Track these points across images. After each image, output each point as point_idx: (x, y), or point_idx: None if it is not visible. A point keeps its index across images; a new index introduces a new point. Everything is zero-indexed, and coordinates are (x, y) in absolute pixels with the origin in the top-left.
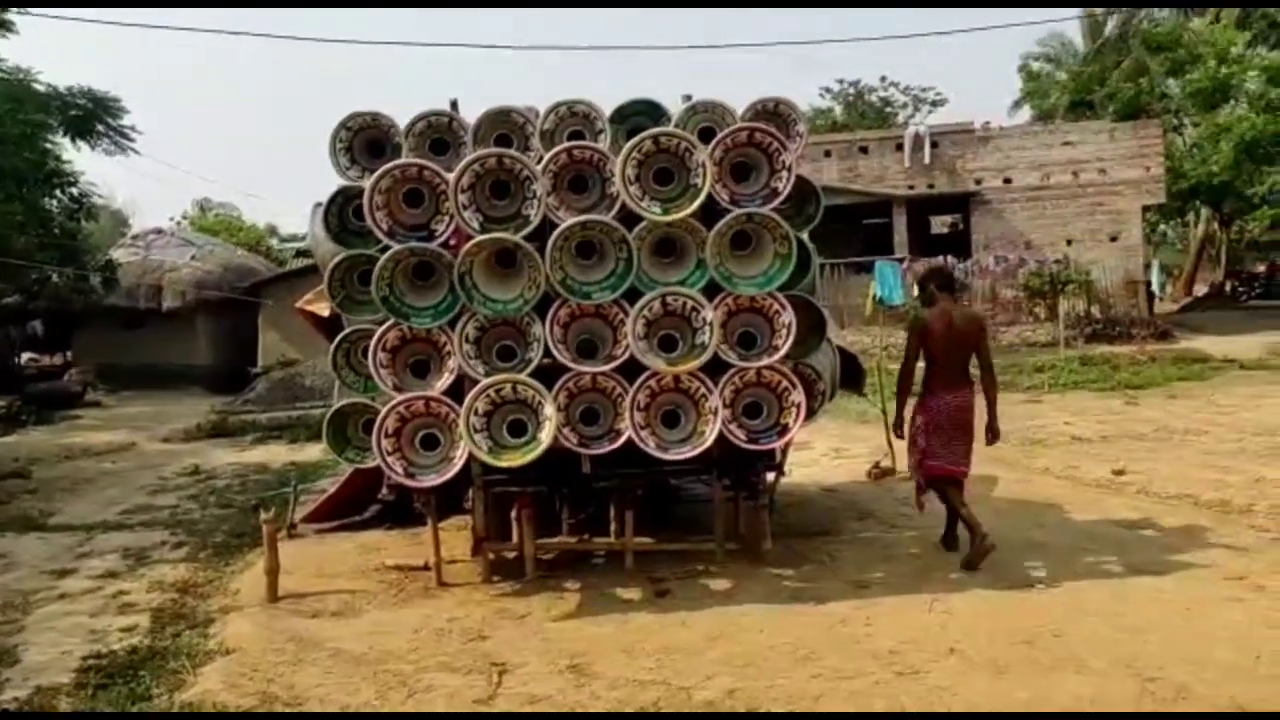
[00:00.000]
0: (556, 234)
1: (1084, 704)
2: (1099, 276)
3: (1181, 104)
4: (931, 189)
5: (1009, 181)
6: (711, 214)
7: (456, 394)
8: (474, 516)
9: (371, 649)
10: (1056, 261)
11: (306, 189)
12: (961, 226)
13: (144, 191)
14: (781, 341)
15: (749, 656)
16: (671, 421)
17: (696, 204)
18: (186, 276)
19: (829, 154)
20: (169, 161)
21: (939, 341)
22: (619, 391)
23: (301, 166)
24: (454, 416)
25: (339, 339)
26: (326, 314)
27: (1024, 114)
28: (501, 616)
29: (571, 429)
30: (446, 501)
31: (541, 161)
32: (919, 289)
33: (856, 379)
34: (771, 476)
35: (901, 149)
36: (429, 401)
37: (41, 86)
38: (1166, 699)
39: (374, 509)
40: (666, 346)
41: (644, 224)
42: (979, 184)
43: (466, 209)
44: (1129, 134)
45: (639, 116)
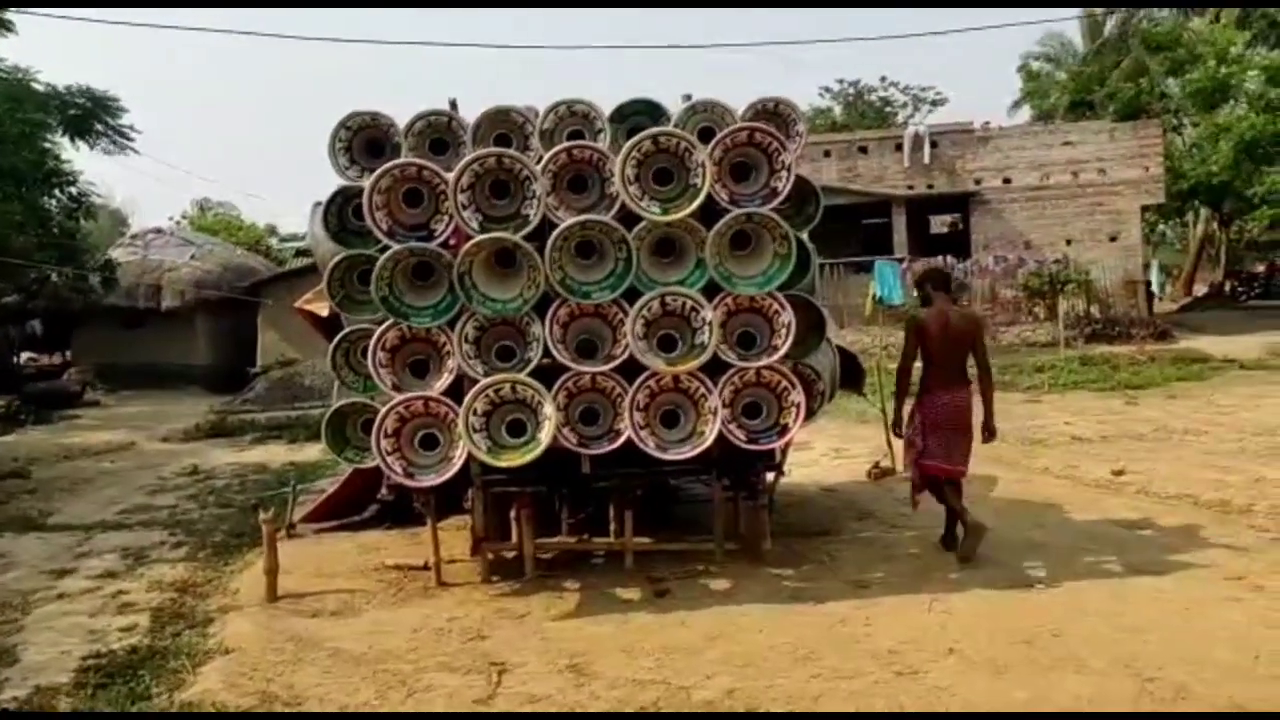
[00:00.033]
0: (556, 234)
1: (1083, 704)
2: (1098, 276)
3: (1181, 104)
4: (931, 189)
5: (1008, 181)
6: (711, 214)
7: (456, 394)
8: (473, 516)
9: (371, 648)
10: (1056, 261)
11: (306, 188)
12: (961, 226)
13: (143, 191)
14: (781, 341)
15: (748, 656)
16: (671, 421)
17: (696, 204)
18: (186, 276)
19: (828, 154)
20: (168, 161)
21: (936, 341)
22: (618, 391)
23: (301, 166)
24: (453, 416)
25: (338, 339)
26: (326, 314)
27: (1024, 114)
28: (501, 616)
29: (571, 429)
30: (446, 501)
31: (541, 161)
32: (915, 289)
33: (856, 379)
34: (771, 476)
35: (901, 149)
36: (428, 401)
37: (40, 86)
38: (1165, 699)
39: (373, 509)
40: (666, 346)
41: (643, 224)
42: (978, 184)
43: (466, 209)
44: (1128, 134)
45: (638, 116)
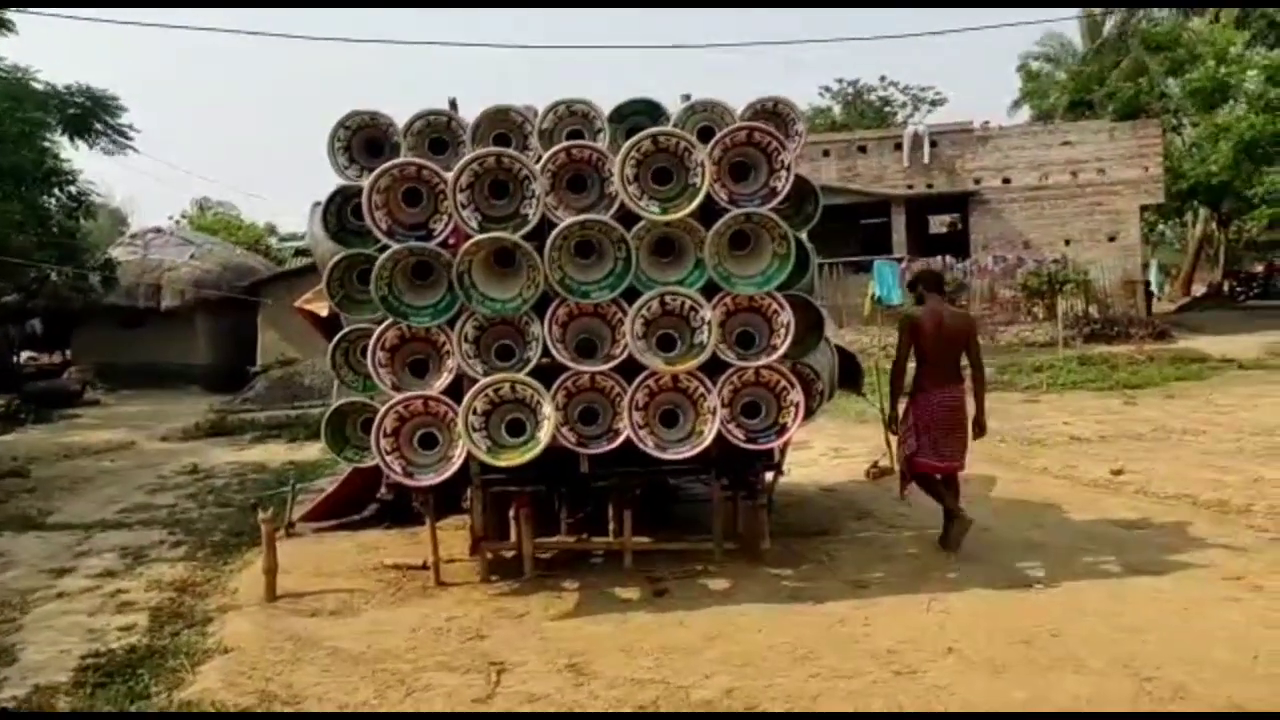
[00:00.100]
0: (555, 233)
1: (1082, 703)
2: (1097, 276)
3: (1180, 104)
4: (930, 189)
5: (1008, 181)
6: (710, 213)
7: (455, 393)
8: (472, 516)
9: (370, 648)
10: (1055, 261)
11: (305, 188)
12: (960, 226)
13: (143, 190)
14: (780, 341)
15: (747, 656)
16: (670, 421)
17: (695, 203)
18: (185, 275)
19: (828, 153)
20: (168, 160)
21: (930, 340)
22: (617, 391)
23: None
24: (452, 416)
25: (338, 338)
26: (325, 313)
27: (1023, 114)
28: (500, 615)
29: (570, 428)
30: (445, 501)
31: (540, 161)
32: (909, 290)
33: (855, 378)
34: (770, 476)
35: (900, 148)
36: (427, 401)
37: (40, 85)
38: (1164, 699)
39: (372, 508)
40: (665, 346)
41: (642, 223)
42: (978, 184)
43: (465, 208)
44: (1128, 134)
45: (638, 116)
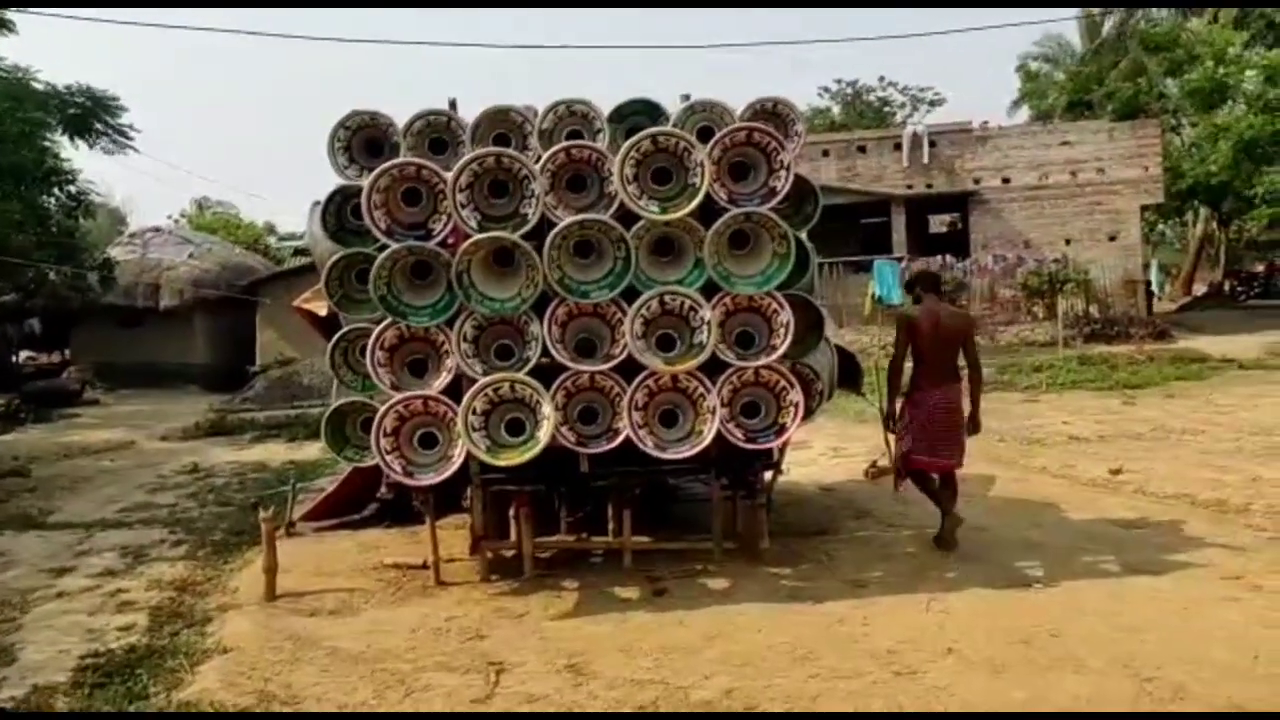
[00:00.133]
0: (554, 233)
1: (1081, 703)
2: (1097, 276)
3: (1180, 104)
4: (930, 188)
5: (1007, 181)
6: (710, 213)
7: (455, 393)
8: (472, 515)
9: (369, 648)
10: (1055, 261)
11: (305, 188)
12: (960, 226)
13: (142, 190)
14: (779, 341)
15: (747, 656)
16: (669, 421)
17: (695, 203)
18: (184, 275)
19: (827, 153)
20: (167, 160)
21: (927, 339)
22: (617, 391)
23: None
24: (452, 415)
25: (337, 338)
26: (324, 313)
27: (1022, 114)
28: (499, 615)
29: (569, 428)
30: (445, 500)
31: (540, 160)
32: (906, 291)
33: (855, 378)
34: (769, 475)
35: (900, 148)
36: (427, 400)
37: (40, 85)
38: (1164, 698)
39: (372, 507)
40: (664, 346)
41: (642, 223)
42: (977, 183)
43: (464, 208)
44: (1127, 134)
45: (637, 116)
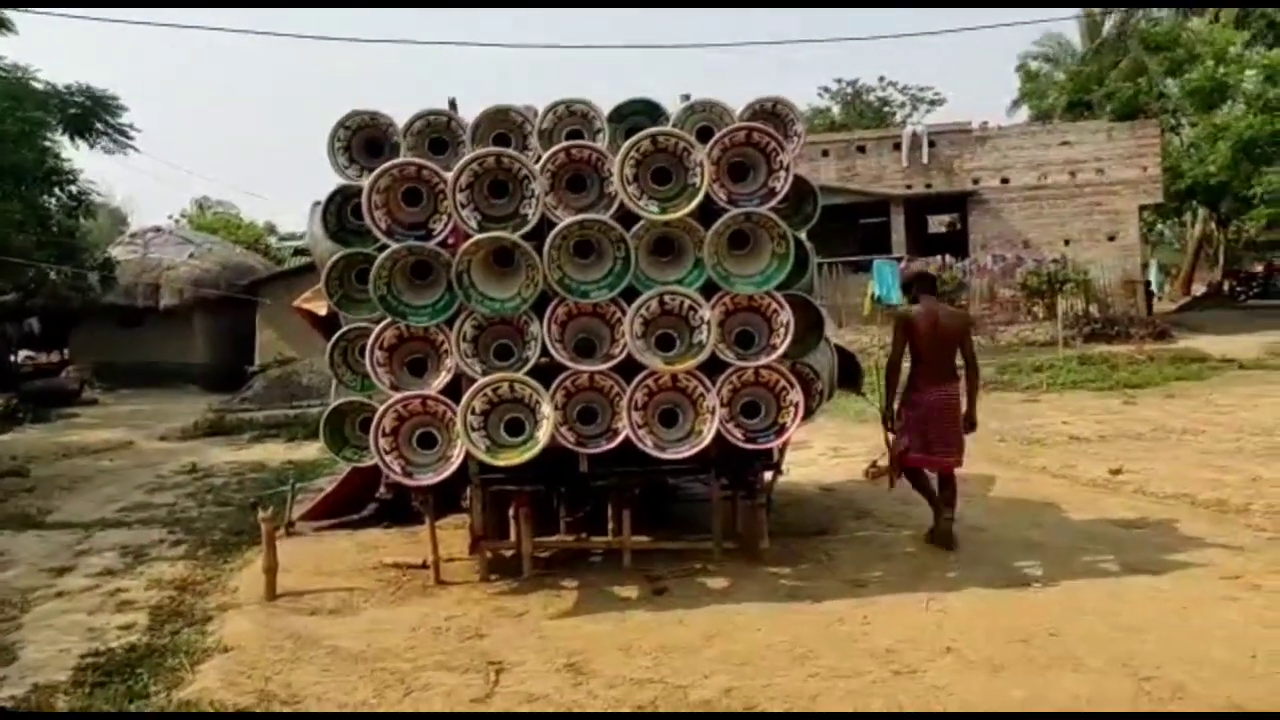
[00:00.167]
0: (554, 233)
1: (1080, 703)
2: (1097, 276)
3: (1179, 104)
4: (929, 188)
5: (1006, 181)
6: (709, 213)
7: (454, 393)
8: (472, 515)
9: (369, 647)
10: (1054, 261)
11: (305, 188)
12: (959, 226)
13: (142, 189)
14: (779, 341)
15: (746, 655)
16: (669, 420)
17: (694, 203)
18: (184, 275)
19: (827, 153)
20: (168, 160)
21: (925, 338)
22: (616, 390)
23: (300, 165)
24: (451, 415)
25: (336, 337)
26: (324, 312)
27: (1022, 114)
28: (499, 615)
29: (569, 428)
30: (444, 500)
31: (540, 160)
32: (903, 291)
33: (854, 378)
34: (769, 475)
35: (899, 148)
36: (426, 400)
37: (40, 84)
38: (1163, 698)
39: (372, 507)
40: (664, 346)
41: (642, 223)
42: (977, 184)
43: (465, 208)
44: (1127, 134)
45: (637, 116)
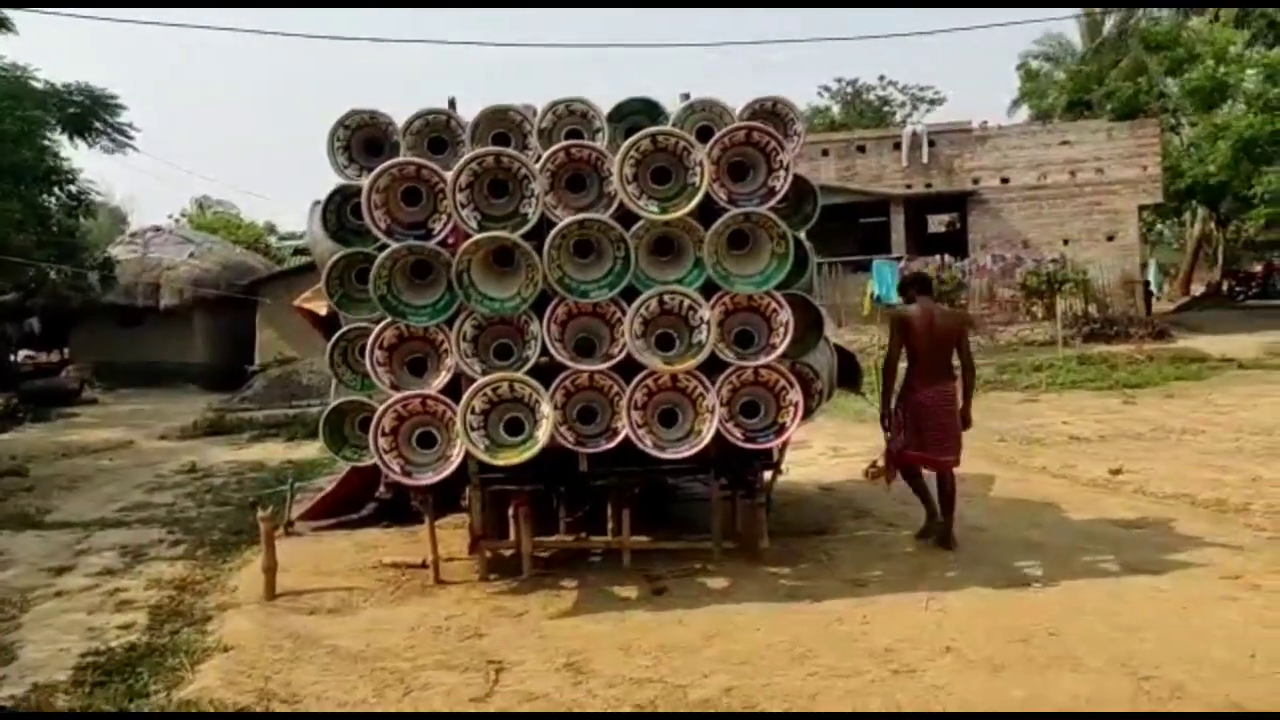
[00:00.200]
0: (554, 232)
1: (1080, 703)
2: (1096, 276)
3: (1179, 103)
4: (929, 188)
5: (1006, 181)
6: (709, 213)
7: (454, 392)
8: (471, 514)
9: (369, 646)
10: (1054, 261)
11: (305, 187)
12: (959, 226)
13: (142, 189)
14: (779, 340)
15: (746, 655)
16: (669, 420)
17: (694, 203)
18: (184, 274)
19: (826, 153)
20: (167, 159)
21: (921, 338)
22: (616, 390)
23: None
24: (451, 415)
25: (336, 337)
26: (324, 312)
27: (1022, 113)
28: (498, 614)
29: (569, 427)
30: (444, 499)
31: (539, 160)
32: (900, 294)
33: (854, 378)
34: (769, 475)
35: (899, 148)
36: (426, 400)
37: (39, 84)
38: (1162, 698)
39: (371, 507)
40: (664, 345)
41: (641, 223)
42: (976, 183)
43: (464, 207)
44: (1126, 133)
45: (637, 115)
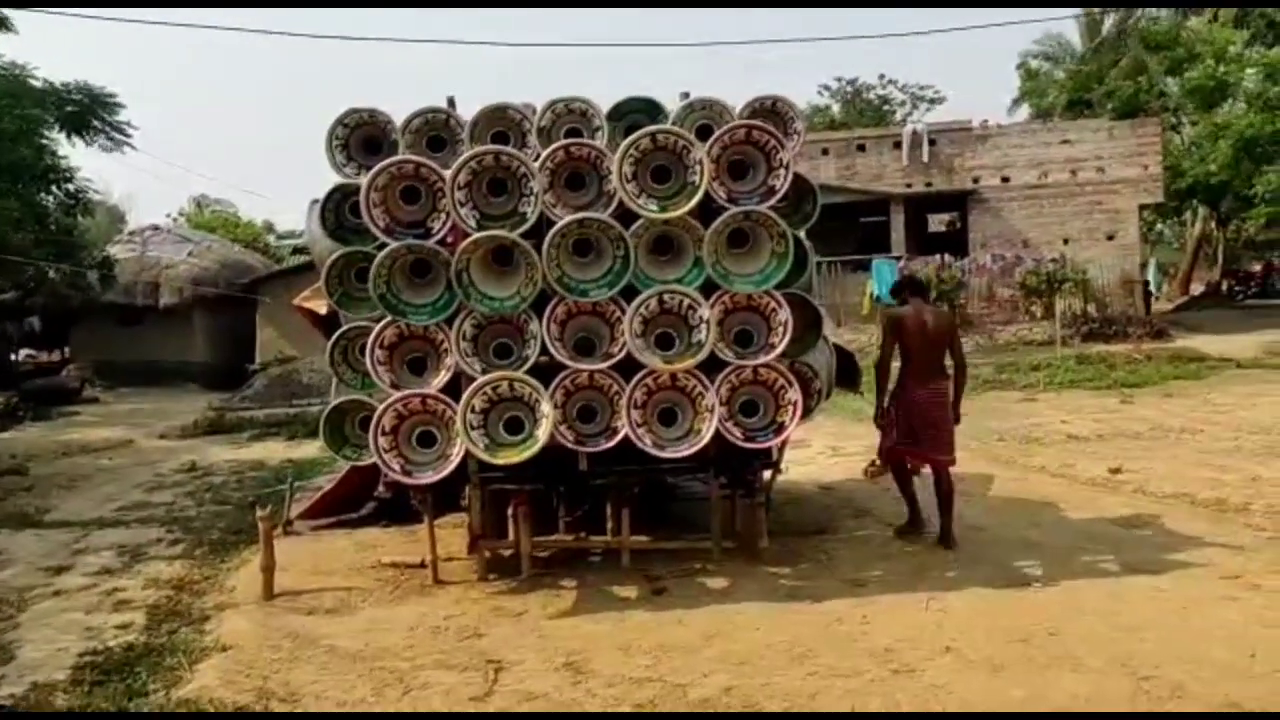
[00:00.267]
0: (553, 231)
1: (1080, 702)
2: (1096, 275)
3: (1180, 102)
4: (929, 187)
5: (1007, 180)
6: (709, 212)
7: (454, 391)
8: (470, 514)
9: (367, 646)
10: (1053, 260)
11: (304, 186)
12: (959, 225)
13: (141, 187)
14: (778, 339)
15: (745, 654)
16: (668, 419)
17: (694, 202)
18: (184, 273)
19: (826, 152)
20: (166, 158)
21: (914, 337)
22: (616, 389)
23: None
24: (451, 414)
25: (336, 336)
26: (324, 311)
27: (1022, 112)
28: (498, 614)
29: (568, 427)
30: (443, 499)
31: (539, 159)
32: (893, 295)
33: (853, 377)
34: (768, 474)
35: (899, 147)
36: (426, 399)
37: (37, 82)
38: (1162, 697)
39: (370, 506)
40: (663, 344)
41: (641, 221)
42: (976, 182)
43: (463, 206)
44: (1127, 132)
45: (636, 114)
